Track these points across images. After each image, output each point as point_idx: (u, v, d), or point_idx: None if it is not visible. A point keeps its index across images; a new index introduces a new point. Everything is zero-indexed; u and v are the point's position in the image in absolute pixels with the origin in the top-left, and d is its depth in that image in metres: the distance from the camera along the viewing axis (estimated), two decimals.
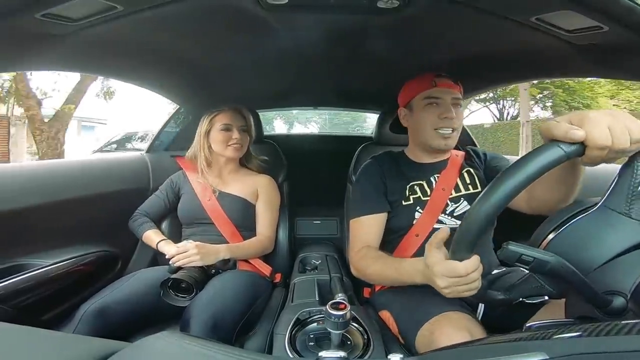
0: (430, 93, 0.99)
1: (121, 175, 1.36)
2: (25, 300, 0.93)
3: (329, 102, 2.05)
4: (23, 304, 0.92)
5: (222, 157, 1.28)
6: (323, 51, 1.10)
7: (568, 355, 0.27)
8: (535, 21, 0.72)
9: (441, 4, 0.76)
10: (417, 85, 1.02)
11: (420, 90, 1.00)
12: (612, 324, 0.30)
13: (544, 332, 0.34)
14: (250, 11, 0.79)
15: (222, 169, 1.31)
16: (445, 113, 0.97)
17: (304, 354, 0.74)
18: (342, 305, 0.68)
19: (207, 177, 1.28)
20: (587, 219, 0.48)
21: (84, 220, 1.18)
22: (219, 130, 1.25)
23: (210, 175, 1.29)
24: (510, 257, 0.43)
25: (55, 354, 0.34)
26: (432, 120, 0.98)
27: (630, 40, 0.69)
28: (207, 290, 0.97)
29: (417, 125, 1.02)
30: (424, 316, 0.79)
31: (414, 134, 1.06)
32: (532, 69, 1.10)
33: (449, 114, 0.97)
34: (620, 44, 0.72)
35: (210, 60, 1.17)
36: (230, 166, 1.32)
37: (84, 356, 0.33)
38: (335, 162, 1.64)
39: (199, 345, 0.34)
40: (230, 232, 1.22)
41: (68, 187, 1.14)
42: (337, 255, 1.41)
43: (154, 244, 1.19)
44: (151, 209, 1.30)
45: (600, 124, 0.45)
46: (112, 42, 0.91)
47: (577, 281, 0.42)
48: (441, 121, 0.97)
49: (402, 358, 0.35)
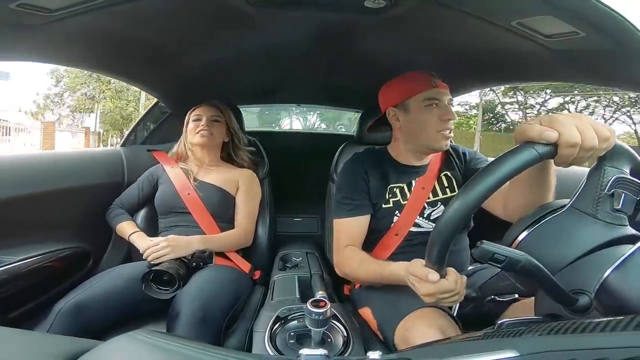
0: (430, 94, 0.96)
1: (95, 169, 1.31)
2: None
3: (313, 99, 2.05)
4: None
5: (197, 147, 1.31)
6: (308, 48, 1.09)
7: (537, 352, 0.28)
8: (516, 25, 0.74)
9: (427, 6, 0.77)
10: (415, 86, 0.99)
11: (418, 91, 0.97)
12: (577, 322, 0.31)
13: (515, 330, 0.34)
14: (236, 7, 0.78)
15: (202, 159, 1.33)
16: (447, 115, 0.96)
17: (284, 351, 0.74)
18: (323, 302, 0.68)
19: (189, 163, 1.32)
20: (555, 219, 0.49)
21: (55, 215, 1.13)
22: (191, 121, 1.31)
23: (191, 165, 1.32)
24: (484, 255, 0.44)
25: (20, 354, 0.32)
26: (434, 121, 0.96)
27: (605, 46, 0.71)
28: (192, 284, 0.96)
29: (417, 127, 0.99)
30: (401, 313, 0.81)
31: (411, 134, 1.02)
32: (513, 73, 1.12)
33: (450, 115, 0.97)
34: (596, 50, 0.75)
35: (192, 54, 1.14)
36: (210, 157, 1.34)
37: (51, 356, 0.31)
38: (317, 159, 1.64)
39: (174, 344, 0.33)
40: (207, 223, 1.21)
41: (38, 181, 1.09)
42: (317, 253, 1.41)
43: (126, 235, 1.17)
44: (127, 201, 1.28)
45: (569, 124, 0.47)
46: (91, 34, 0.88)
47: (546, 280, 0.43)
48: (443, 123, 0.96)
49: (381, 355, 0.35)
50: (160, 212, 1.26)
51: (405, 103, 1.00)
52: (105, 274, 1.01)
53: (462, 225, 0.46)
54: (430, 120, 0.96)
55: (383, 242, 1.02)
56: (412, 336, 0.74)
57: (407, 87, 1.00)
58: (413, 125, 1.00)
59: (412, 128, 1.01)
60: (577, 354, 0.26)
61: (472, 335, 0.40)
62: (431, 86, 0.97)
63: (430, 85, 0.97)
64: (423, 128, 0.98)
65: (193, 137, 1.28)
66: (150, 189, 1.30)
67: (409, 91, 0.99)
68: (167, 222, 1.23)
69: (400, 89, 1.02)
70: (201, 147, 1.31)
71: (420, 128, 0.98)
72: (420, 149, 1.03)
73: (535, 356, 0.28)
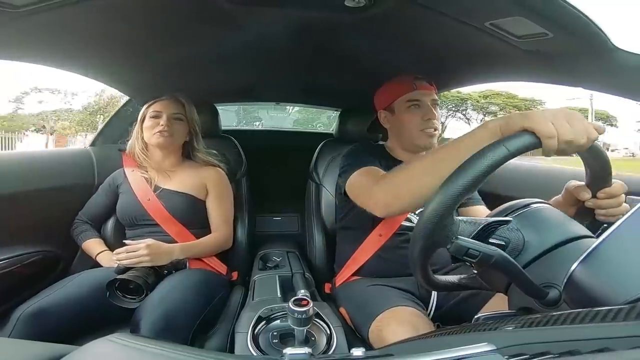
0: (411, 96, 1.02)
1: (63, 169, 1.25)
2: None
3: (291, 98, 2.04)
4: None
5: (154, 148, 1.19)
6: (287, 46, 1.08)
7: (513, 345, 0.29)
8: (489, 26, 0.76)
9: (404, 6, 0.77)
10: (398, 88, 1.04)
11: (401, 94, 1.03)
12: (547, 315, 0.32)
13: (491, 324, 0.36)
14: (214, 2, 0.76)
15: (161, 162, 1.21)
16: (428, 115, 1.01)
17: (268, 351, 0.73)
18: (305, 301, 0.67)
19: (147, 171, 1.19)
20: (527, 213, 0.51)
21: (22, 218, 1.08)
22: (149, 117, 1.17)
23: (150, 170, 1.20)
24: (459, 250, 0.45)
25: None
26: (415, 122, 1.01)
27: (572, 47, 0.74)
28: (157, 291, 0.92)
29: (402, 127, 1.04)
30: (373, 313, 0.83)
31: (398, 134, 1.08)
32: (488, 72, 1.16)
33: (431, 115, 1.01)
34: (563, 51, 0.78)
35: (168, 51, 1.10)
36: (170, 160, 1.22)
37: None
38: (296, 158, 1.63)
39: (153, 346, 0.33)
40: (177, 232, 1.13)
41: (3, 182, 1.04)
42: (298, 252, 1.40)
43: (93, 255, 1.12)
44: (91, 214, 1.21)
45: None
46: (62, 30, 0.84)
47: (517, 274, 0.45)
48: (424, 122, 1.01)
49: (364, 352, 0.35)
50: (125, 224, 1.18)
51: (391, 106, 1.06)
52: (70, 279, 0.96)
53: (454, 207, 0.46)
54: (412, 120, 1.02)
55: (366, 243, 1.04)
56: (385, 335, 0.76)
57: (393, 90, 1.06)
58: (398, 126, 1.06)
59: (398, 128, 1.06)
60: (550, 345, 0.28)
61: (451, 329, 0.41)
62: (412, 88, 1.02)
63: (412, 88, 1.02)
64: (406, 128, 1.03)
65: (150, 137, 1.15)
66: (113, 197, 1.20)
67: (393, 94, 1.05)
68: (135, 234, 1.13)
69: (387, 93, 1.08)
70: (160, 149, 1.19)
71: (404, 128, 1.04)
72: (409, 147, 1.07)
73: (511, 349, 0.29)
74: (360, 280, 1.04)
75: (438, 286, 0.58)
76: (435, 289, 0.84)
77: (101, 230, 1.25)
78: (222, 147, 1.45)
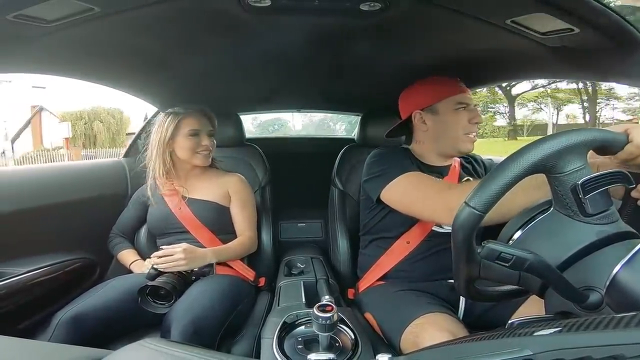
0: (460, 98, 1.00)
1: (98, 181, 1.33)
2: (1, 309, 0.90)
3: (312, 104, 2.06)
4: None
5: (188, 164, 1.22)
6: (306, 54, 1.10)
7: (551, 350, 0.28)
8: (510, 23, 0.75)
9: (420, 7, 0.77)
10: (443, 89, 1.02)
11: (447, 95, 1.01)
12: (590, 318, 0.31)
13: (526, 329, 0.34)
14: (232, 13, 0.78)
15: (188, 174, 1.25)
16: (476, 118, 1.00)
17: (293, 357, 0.73)
18: (329, 307, 0.67)
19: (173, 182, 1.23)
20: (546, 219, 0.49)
21: (61, 227, 1.15)
22: (186, 135, 1.17)
23: (177, 180, 1.24)
24: (490, 255, 0.43)
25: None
26: (463, 124, 1.00)
27: (599, 42, 0.71)
28: (185, 297, 0.95)
29: (446, 129, 1.01)
30: (407, 319, 0.81)
31: (437, 137, 1.03)
32: (510, 70, 1.13)
33: (479, 118, 1.00)
34: (590, 46, 0.75)
35: (191, 62, 1.14)
36: (196, 171, 1.25)
37: None
38: (318, 164, 1.64)
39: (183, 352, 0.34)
40: (208, 239, 1.17)
41: (44, 194, 1.11)
42: (322, 258, 1.40)
43: (127, 264, 1.19)
44: (124, 227, 1.28)
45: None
46: (89, 44, 0.88)
47: (554, 277, 0.42)
48: (471, 126, 1.00)
49: (390, 358, 0.35)
50: (156, 234, 1.22)
51: (433, 106, 1.02)
52: (105, 285, 1.01)
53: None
54: (460, 123, 1.00)
55: (394, 249, 1.02)
56: (422, 341, 0.74)
57: (436, 90, 1.03)
58: (442, 127, 1.02)
59: (440, 130, 1.02)
60: (591, 350, 0.26)
61: (483, 335, 0.40)
62: (460, 90, 1.01)
63: (459, 90, 1.01)
64: (452, 130, 1.00)
65: (192, 157, 1.18)
66: (143, 210, 1.26)
67: (438, 95, 1.02)
68: (167, 241, 1.16)
69: (427, 93, 1.04)
70: (199, 167, 1.23)
71: (449, 130, 1.01)
72: (447, 150, 1.04)
73: (548, 354, 0.27)
74: (386, 285, 1.02)
75: (483, 296, 0.56)
76: (478, 300, 0.81)
77: (134, 241, 1.31)
78: (246, 155, 1.48)
